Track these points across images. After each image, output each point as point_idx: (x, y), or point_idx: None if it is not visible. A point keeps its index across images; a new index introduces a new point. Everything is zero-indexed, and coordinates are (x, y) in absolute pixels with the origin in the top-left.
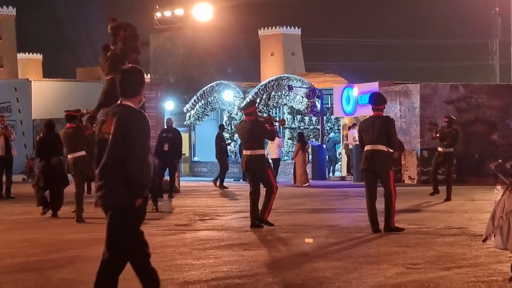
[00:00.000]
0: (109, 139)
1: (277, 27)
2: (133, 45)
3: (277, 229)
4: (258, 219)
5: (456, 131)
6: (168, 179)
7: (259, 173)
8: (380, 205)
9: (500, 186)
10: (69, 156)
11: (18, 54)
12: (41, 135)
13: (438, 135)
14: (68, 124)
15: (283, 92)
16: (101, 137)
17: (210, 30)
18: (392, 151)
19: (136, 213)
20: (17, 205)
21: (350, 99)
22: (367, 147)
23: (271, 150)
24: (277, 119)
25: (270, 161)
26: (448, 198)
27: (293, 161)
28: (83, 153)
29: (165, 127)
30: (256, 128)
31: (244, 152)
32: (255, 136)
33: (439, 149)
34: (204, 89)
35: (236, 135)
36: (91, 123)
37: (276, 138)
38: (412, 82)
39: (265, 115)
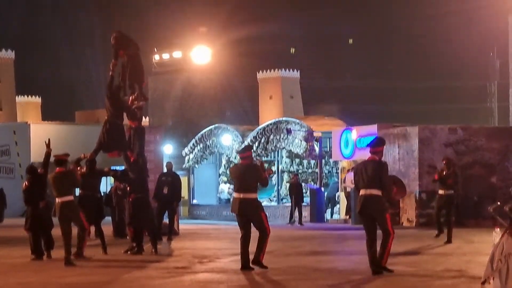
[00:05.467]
0: None
1: (276, 70)
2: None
3: (275, 271)
4: (249, 261)
5: (455, 172)
6: (167, 222)
7: (253, 216)
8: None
9: (498, 229)
10: (56, 200)
11: (17, 97)
12: (26, 183)
13: (437, 178)
14: (57, 168)
15: (282, 136)
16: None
17: (208, 73)
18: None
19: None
20: (16, 248)
21: (349, 142)
22: (361, 192)
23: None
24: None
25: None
26: (448, 241)
27: None
28: (70, 197)
29: (165, 170)
30: (251, 171)
31: (237, 195)
32: (250, 180)
33: (440, 191)
34: (202, 133)
35: None
36: (89, 167)
37: None
38: (411, 125)
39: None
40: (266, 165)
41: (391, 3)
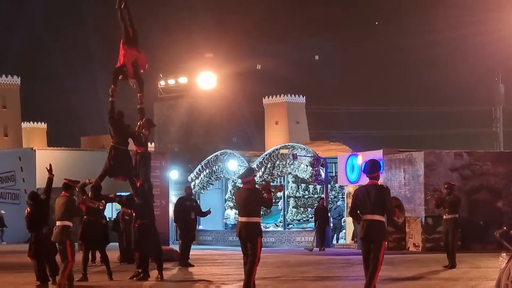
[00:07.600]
0: None
1: (282, 95)
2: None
3: None
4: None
5: (456, 197)
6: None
7: (250, 239)
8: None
9: (505, 254)
10: (57, 223)
11: (22, 123)
12: (28, 209)
13: (435, 202)
14: (63, 192)
15: (288, 161)
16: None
17: (214, 98)
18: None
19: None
20: (21, 275)
21: (355, 167)
22: (364, 217)
23: None
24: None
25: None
26: (452, 266)
27: None
28: (69, 223)
29: (185, 194)
30: (254, 195)
31: (240, 219)
32: (252, 204)
33: (444, 216)
34: (208, 158)
35: None
36: (94, 193)
37: None
38: (416, 150)
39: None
40: (274, 182)
41: (400, 28)
